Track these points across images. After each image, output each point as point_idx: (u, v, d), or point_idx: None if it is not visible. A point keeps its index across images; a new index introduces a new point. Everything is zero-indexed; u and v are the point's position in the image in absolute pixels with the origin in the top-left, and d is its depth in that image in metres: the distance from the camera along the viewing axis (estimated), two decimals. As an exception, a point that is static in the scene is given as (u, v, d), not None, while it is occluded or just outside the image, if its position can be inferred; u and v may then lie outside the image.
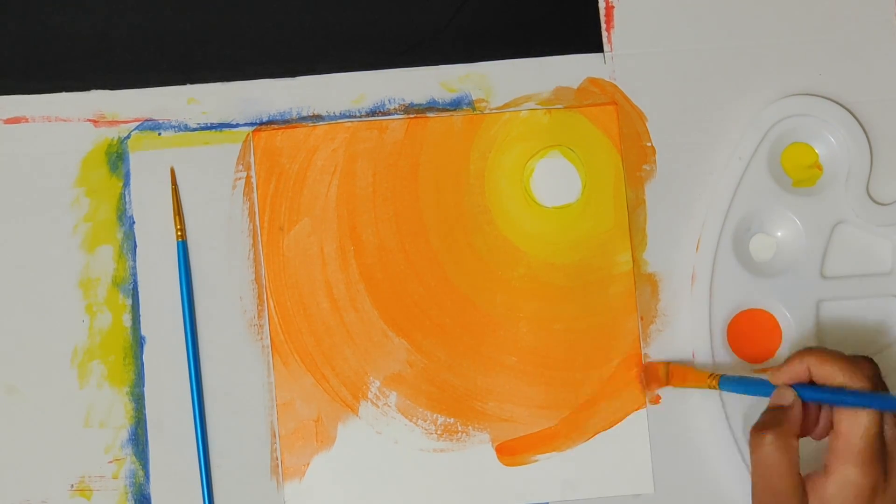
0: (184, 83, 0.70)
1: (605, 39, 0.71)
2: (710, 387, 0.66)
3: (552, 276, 0.70)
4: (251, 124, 0.70)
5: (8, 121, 0.69)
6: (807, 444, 0.62)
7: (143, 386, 0.68)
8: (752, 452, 0.61)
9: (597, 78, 0.71)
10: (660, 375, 0.69)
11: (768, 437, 0.60)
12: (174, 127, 0.70)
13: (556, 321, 0.70)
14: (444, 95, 0.71)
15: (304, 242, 0.70)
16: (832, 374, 0.61)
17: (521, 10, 0.71)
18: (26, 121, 0.69)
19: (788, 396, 0.62)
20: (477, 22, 0.71)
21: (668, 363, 0.69)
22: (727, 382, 0.66)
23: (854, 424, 0.59)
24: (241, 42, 0.70)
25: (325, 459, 0.68)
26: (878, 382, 0.61)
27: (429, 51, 0.71)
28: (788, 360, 0.63)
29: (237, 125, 0.70)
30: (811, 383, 0.62)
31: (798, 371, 0.62)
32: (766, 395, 0.63)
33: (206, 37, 0.70)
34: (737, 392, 0.66)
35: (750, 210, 0.70)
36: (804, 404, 0.62)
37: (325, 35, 0.71)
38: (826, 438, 0.62)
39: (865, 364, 0.62)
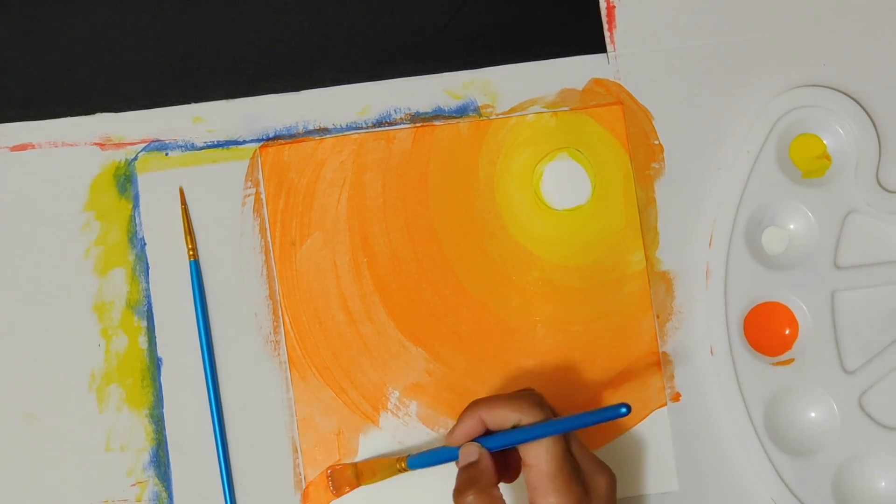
0: (188, 102, 0.70)
1: (607, 39, 0.71)
2: (400, 471, 0.66)
3: (566, 278, 0.70)
4: (258, 140, 0.70)
5: (14, 148, 0.69)
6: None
7: (163, 407, 0.68)
8: None
9: (601, 78, 0.71)
10: (348, 477, 0.68)
11: (470, 498, 0.60)
12: (181, 147, 0.70)
13: (572, 323, 0.70)
14: (449, 103, 0.71)
15: (316, 256, 0.69)
16: (504, 417, 0.61)
17: (522, 11, 0.71)
18: (33, 147, 0.69)
19: (473, 452, 0.62)
20: (477, 24, 0.71)
21: (355, 464, 0.68)
22: (415, 460, 0.65)
23: (540, 455, 0.60)
24: (243, 57, 0.70)
25: (349, 472, 0.69)
26: (546, 408, 0.62)
27: (429, 52, 0.71)
28: (460, 417, 0.63)
29: (244, 142, 0.70)
30: (489, 432, 0.62)
31: (473, 425, 0.62)
32: (454, 458, 0.63)
33: (209, 55, 0.70)
34: (426, 466, 0.65)
35: (761, 203, 0.70)
36: (493, 454, 0.62)
37: (325, 38, 0.70)
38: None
39: (529, 396, 0.62)
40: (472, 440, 0.63)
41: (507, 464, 0.64)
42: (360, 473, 0.67)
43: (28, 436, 0.68)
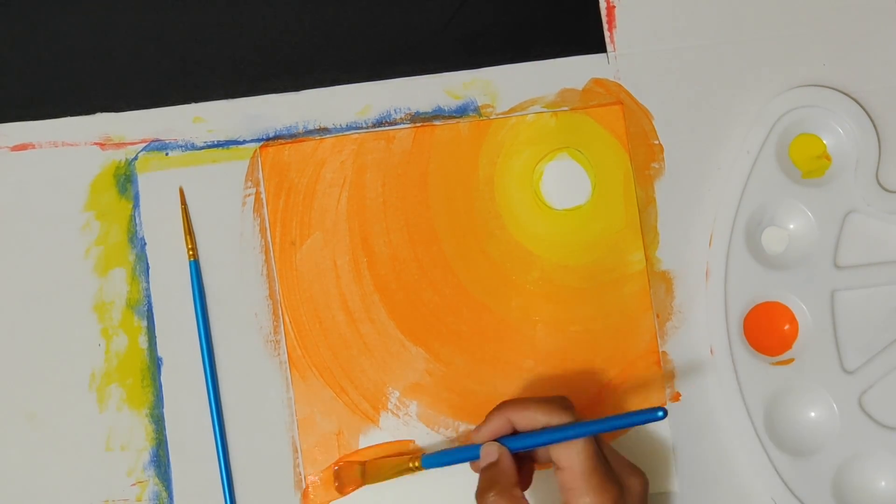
0: (189, 102, 0.70)
1: (607, 39, 0.71)
2: (413, 470, 0.66)
3: (566, 278, 0.70)
4: (258, 140, 0.70)
5: (14, 148, 0.69)
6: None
7: (163, 407, 0.68)
8: None
9: (601, 78, 0.71)
10: (354, 475, 0.67)
11: (491, 498, 0.60)
12: (181, 146, 0.70)
13: (572, 323, 0.70)
14: (449, 103, 0.71)
15: (316, 256, 0.69)
16: (533, 419, 0.62)
17: (522, 11, 0.71)
18: (33, 147, 0.69)
19: (493, 452, 0.62)
20: (477, 24, 0.71)
21: (364, 462, 0.68)
22: (430, 459, 0.65)
23: (573, 456, 0.60)
24: (243, 57, 0.70)
25: (349, 472, 0.69)
26: (575, 413, 0.62)
27: (429, 52, 0.71)
28: (488, 416, 0.63)
29: (244, 142, 0.70)
30: (515, 433, 0.63)
31: (499, 425, 0.63)
32: (473, 457, 0.63)
33: (209, 54, 0.70)
34: (442, 465, 0.65)
35: (760, 203, 0.70)
36: (518, 457, 0.62)
37: (325, 38, 0.70)
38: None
39: (558, 399, 0.62)
40: (496, 441, 0.63)
41: (521, 471, 0.63)
42: (367, 473, 0.67)
43: (28, 435, 0.68)
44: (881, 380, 0.70)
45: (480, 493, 0.61)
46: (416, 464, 0.66)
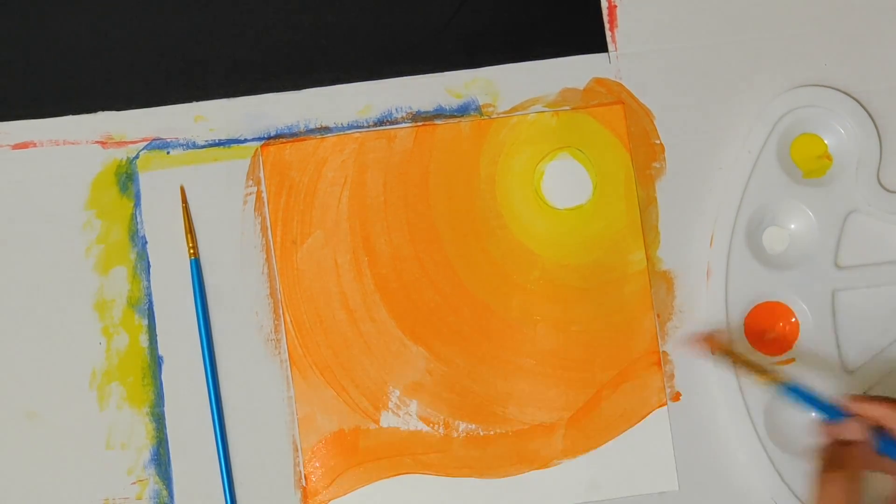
0: (190, 101, 0.70)
1: (609, 39, 0.71)
2: (773, 381, 0.65)
3: (567, 277, 0.70)
4: (259, 139, 0.70)
5: (16, 146, 0.69)
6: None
7: (163, 405, 0.68)
8: (819, 488, 0.59)
9: (603, 78, 0.71)
10: (725, 344, 0.67)
11: (840, 477, 0.59)
12: (182, 145, 0.70)
13: (572, 322, 0.70)
14: (450, 102, 0.71)
15: (317, 255, 0.69)
16: None
17: (523, 10, 0.71)
18: (34, 145, 0.69)
19: (859, 433, 0.60)
20: (478, 23, 0.71)
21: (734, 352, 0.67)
22: (795, 390, 0.64)
23: None
24: (244, 56, 0.70)
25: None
26: None
27: (430, 52, 0.71)
28: (876, 399, 0.61)
29: (245, 140, 0.70)
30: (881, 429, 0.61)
31: (879, 412, 0.60)
32: (832, 416, 0.62)
33: (210, 54, 0.70)
34: (798, 401, 0.64)
35: (762, 203, 0.70)
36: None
37: (326, 37, 0.70)
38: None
39: None
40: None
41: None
42: (735, 356, 0.66)
43: (29, 434, 0.68)
44: (882, 380, 0.69)
45: (827, 466, 0.59)
46: (780, 378, 0.64)
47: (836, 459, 0.60)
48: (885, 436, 0.61)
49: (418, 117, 0.71)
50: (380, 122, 0.70)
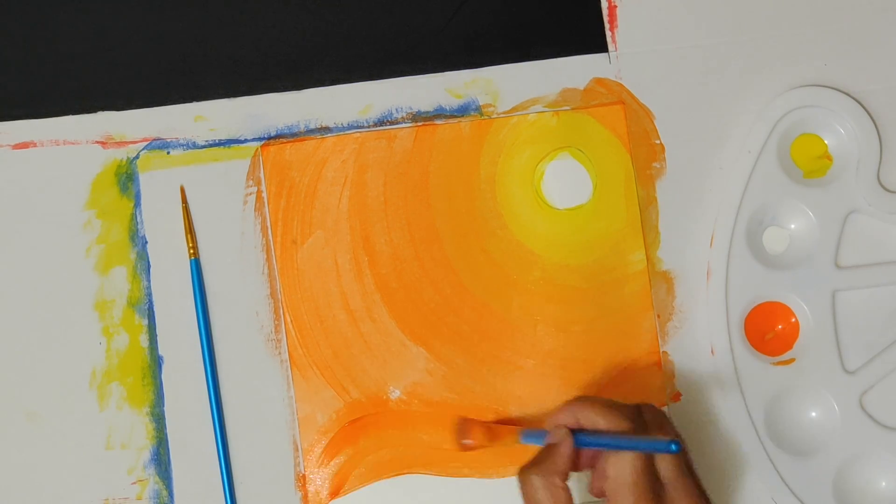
0: (190, 101, 0.70)
1: (609, 39, 0.71)
2: (512, 442, 0.65)
3: (567, 277, 0.70)
4: (259, 139, 0.70)
5: (16, 146, 0.69)
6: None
7: (163, 406, 0.68)
8: (520, 490, 0.61)
9: (603, 78, 0.71)
10: (479, 433, 0.67)
11: (533, 477, 0.60)
12: (182, 145, 0.70)
13: (573, 323, 0.70)
14: (450, 102, 0.71)
15: (317, 255, 0.70)
16: (594, 420, 0.61)
17: (523, 10, 0.71)
18: (34, 145, 0.69)
19: (559, 435, 0.61)
20: (478, 23, 0.71)
21: (488, 423, 0.68)
22: (528, 435, 0.65)
23: (620, 467, 0.60)
24: (244, 56, 0.70)
25: (349, 471, 0.69)
26: (640, 424, 0.61)
27: (430, 52, 0.71)
28: (561, 407, 0.63)
29: (245, 140, 0.70)
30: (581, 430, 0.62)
31: (567, 417, 0.62)
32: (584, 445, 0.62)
33: (210, 54, 0.70)
34: (535, 443, 0.64)
35: (762, 203, 0.70)
36: (578, 450, 0.62)
37: (326, 37, 0.70)
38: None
39: (623, 406, 0.62)
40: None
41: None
42: (495, 434, 0.67)
43: (29, 434, 0.68)
44: (882, 380, 0.70)
45: (524, 467, 0.61)
46: (517, 438, 0.65)
47: (536, 461, 0.61)
48: (577, 434, 0.61)
49: (418, 117, 0.71)
50: (380, 122, 0.71)
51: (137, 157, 0.70)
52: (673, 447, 0.58)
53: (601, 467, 0.62)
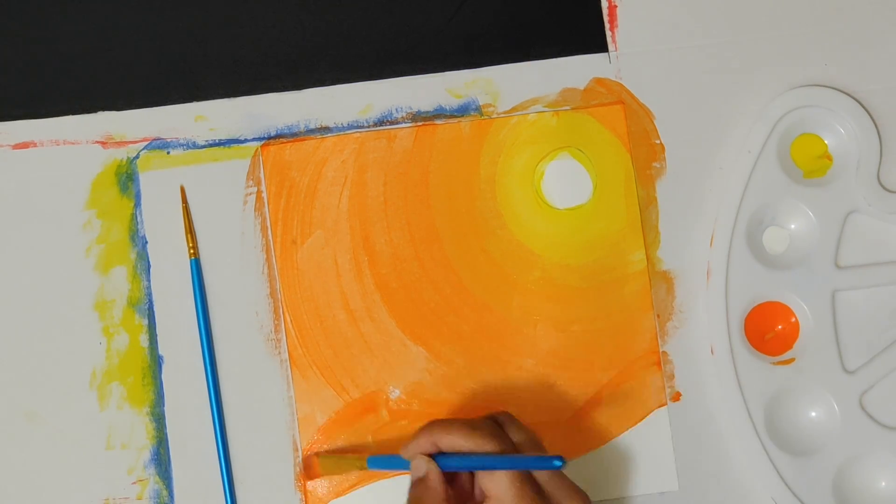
0: (190, 101, 0.70)
1: (609, 39, 0.71)
2: (361, 468, 0.65)
3: (567, 277, 0.70)
4: (259, 139, 0.70)
5: (16, 146, 0.69)
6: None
7: (164, 405, 0.68)
8: None
9: (603, 78, 0.71)
10: (313, 466, 0.67)
11: None
12: (182, 145, 0.70)
13: (573, 322, 0.70)
14: (450, 102, 0.71)
15: (317, 255, 0.70)
16: (457, 444, 0.61)
17: (523, 10, 0.71)
18: (34, 145, 0.69)
19: (421, 467, 0.61)
20: (478, 23, 0.71)
21: (318, 454, 0.68)
22: (375, 461, 0.65)
23: (499, 485, 0.59)
24: (244, 56, 0.70)
25: (349, 471, 0.69)
26: (505, 440, 0.61)
27: (429, 52, 0.71)
28: (416, 434, 0.62)
29: (245, 140, 0.70)
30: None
31: (425, 446, 0.62)
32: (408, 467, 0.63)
33: (210, 54, 0.70)
34: (383, 469, 0.65)
35: (762, 203, 0.70)
36: (457, 476, 0.62)
37: (326, 37, 0.70)
38: None
39: (486, 426, 0.61)
40: (429, 456, 0.62)
41: (473, 487, 0.63)
42: (324, 465, 0.67)
43: (29, 434, 0.68)
44: (882, 380, 0.70)
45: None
46: (363, 462, 0.65)
47: (414, 500, 0.61)
48: (442, 458, 0.61)
49: (418, 117, 0.71)
50: (380, 122, 0.71)
51: (137, 157, 0.70)
52: (556, 463, 0.58)
53: (479, 488, 0.61)
